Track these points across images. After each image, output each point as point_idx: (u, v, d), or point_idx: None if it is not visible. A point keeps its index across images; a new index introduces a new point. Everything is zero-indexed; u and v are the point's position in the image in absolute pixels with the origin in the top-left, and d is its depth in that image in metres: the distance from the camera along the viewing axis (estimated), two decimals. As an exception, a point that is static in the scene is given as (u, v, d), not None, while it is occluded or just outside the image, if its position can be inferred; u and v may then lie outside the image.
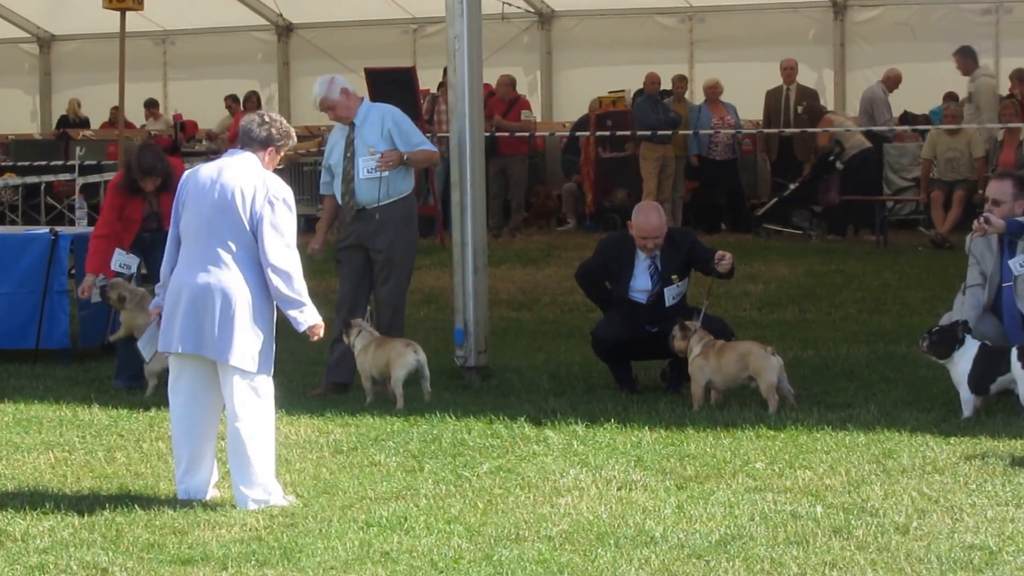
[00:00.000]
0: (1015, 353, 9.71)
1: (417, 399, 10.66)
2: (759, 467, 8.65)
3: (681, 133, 21.49)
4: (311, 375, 11.70)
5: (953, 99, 20.62)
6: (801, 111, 21.62)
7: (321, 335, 8.25)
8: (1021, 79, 20.18)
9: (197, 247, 8.12)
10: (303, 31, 26.67)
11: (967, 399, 9.84)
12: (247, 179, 8.08)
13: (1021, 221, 10.20)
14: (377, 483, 8.52)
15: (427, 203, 19.89)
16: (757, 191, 22.46)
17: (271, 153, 8.26)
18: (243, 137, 8.27)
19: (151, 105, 26.64)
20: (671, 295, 11.01)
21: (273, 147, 8.25)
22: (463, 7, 11.63)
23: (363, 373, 10.87)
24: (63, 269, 12.81)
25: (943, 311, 10.85)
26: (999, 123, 19.78)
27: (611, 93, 23.32)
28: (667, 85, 22.15)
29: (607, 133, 22.31)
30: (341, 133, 11.35)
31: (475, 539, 7.36)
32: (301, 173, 21.99)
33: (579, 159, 23.17)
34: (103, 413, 10.62)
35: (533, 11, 25.16)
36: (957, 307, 10.50)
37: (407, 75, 20.31)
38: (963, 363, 9.84)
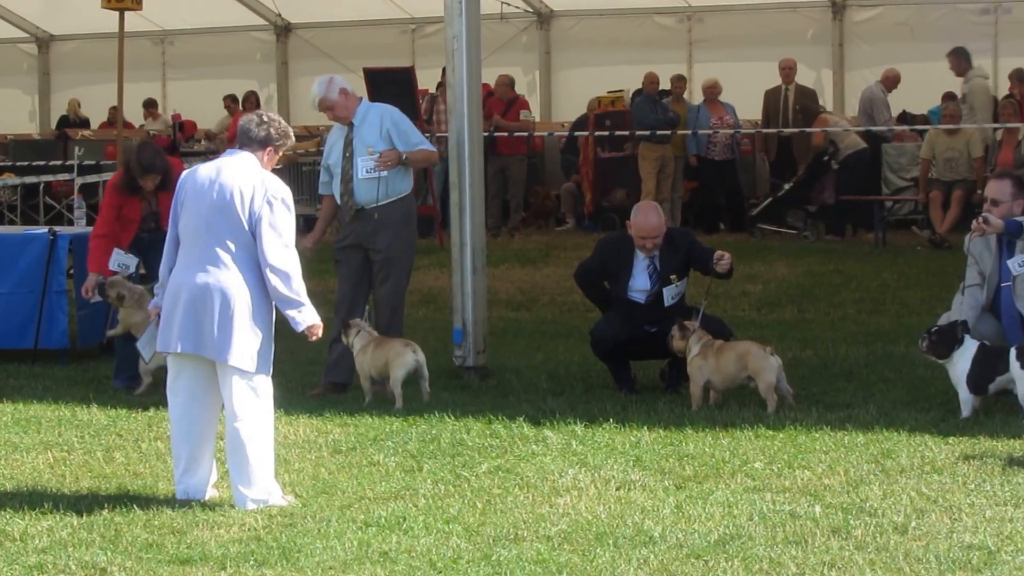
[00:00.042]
0: (1014, 353, 9.71)
1: (416, 399, 10.66)
2: (758, 467, 8.65)
3: (680, 133, 21.49)
4: (310, 375, 11.70)
5: (952, 99, 20.62)
6: (797, 111, 21.64)
7: (320, 335, 8.25)
8: (1021, 79, 20.16)
9: (196, 247, 8.12)
10: (302, 31, 26.67)
11: (966, 399, 9.83)
12: (246, 179, 8.07)
13: (1020, 221, 10.19)
14: (376, 483, 8.52)
15: (426, 203, 19.89)
16: (756, 191, 22.46)
17: (269, 153, 8.25)
18: (241, 137, 8.27)
19: (150, 105, 26.65)
20: (670, 295, 11.01)
21: (272, 147, 8.25)
22: (462, 7, 11.63)
23: (362, 373, 10.87)
24: (62, 269, 12.80)
25: (942, 311, 10.85)
26: (997, 123, 19.78)
27: (610, 93, 23.32)
28: (666, 85, 22.14)
29: (606, 133, 22.31)
30: (340, 133, 11.35)
31: (474, 539, 7.36)
32: (300, 173, 21.98)
33: (578, 159, 23.17)
34: (102, 413, 10.62)
35: (532, 11, 25.16)
36: (956, 307, 10.49)
37: (406, 75, 20.29)
38: (962, 363, 9.84)
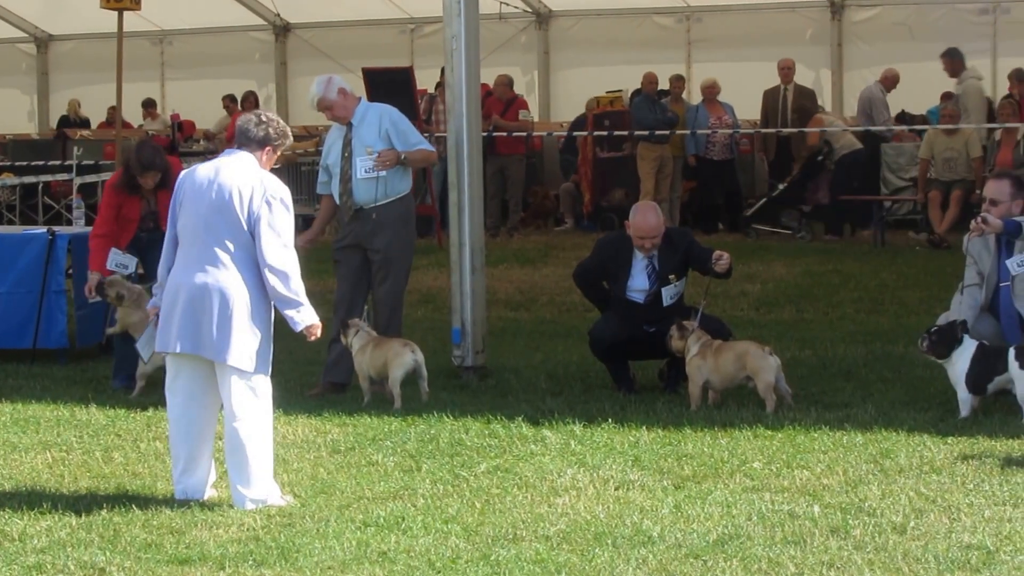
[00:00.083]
0: (1012, 353, 9.71)
1: (415, 399, 10.66)
2: (756, 467, 8.65)
3: (678, 133, 21.49)
4: (309, 375, 11.70)
5: (950, 99, 20.63)
6: (793, 110, 21.65)
7: (318, 335, 8.25)
8: (1020, 79, 20.15)
9: (195, 247, 8.11)
10: (300, 31, 26.67)
11: (964, 399, 9.83)
12: (245, 179, 8.07)
13: (1018, 221, 10.19)
14: (375, 483, 8.52)
15: (425, 203, 19.89)
16: (755, 191, 22.46)
17: (268, 153, 8.25)
18: (240, 137, 8.27)
19: (149, 105, 26.65)
20: (669, 295, 11.01)
21: (270, 147, 8.25)
22: (460, 7, 11.62)
23: (361, 373, 10.87)
24: (61, 269, 12.80)
25: (940, 311, 10.86)
26: (996, 123, 19.78)
27: (608, 93, 23.31)
28: (664, 85, 22.15)
29: (604, 133, 22.31)
30: (339, 133, 11.35)
31: (472, 539, 7.36)
32: (299, 173, 21.99)
33: (577, 159, 23.17)
34: (100, 413, 10.62)
35: (531, 11, 25.16)
36: (955, 307, 10.49)
37: (404, 75, 20.29)
38: (961, 363, 9.84)
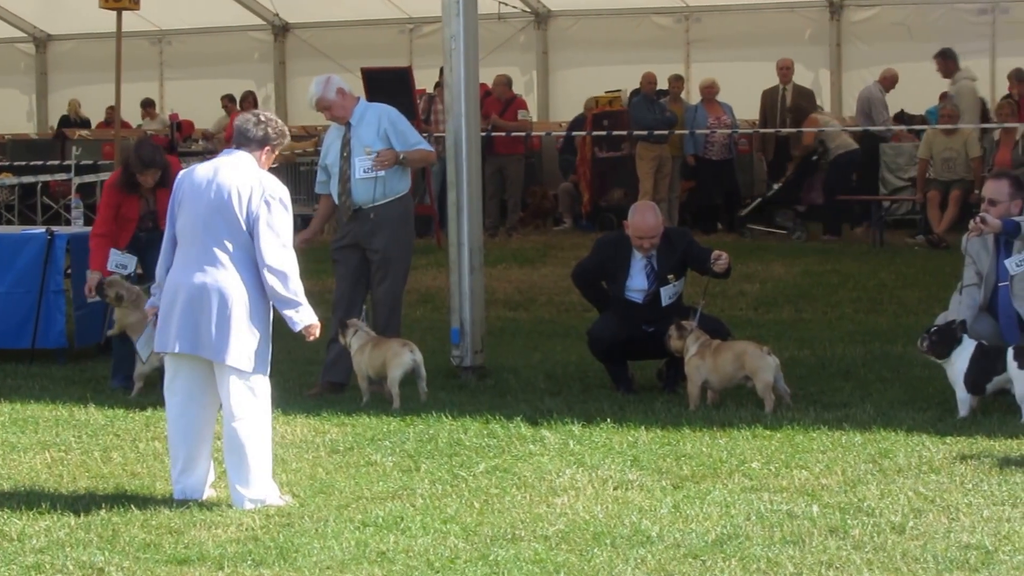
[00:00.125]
0: (1011, 353, 9.72)
1: (413, 399, 10.66)
2: (755, 467, 8.65)
3: (677, 133, 21.49)
4: (307, 375, 11.70)
5: (947, 99, 20.63)
6: (788, 110, 21.65)
7: (317, 335, 8.24)
8: (1020, 79, 20.14)
9: (193, 247, 8.11)
10: (299, 31, 26.66)
11: (963, 399, 9.84)
12: (243, 179, 8.07)
13: (1017, 221, 10.20)
14: (373, 483, 8.52)
15: (423, 203, 19.89)
16: (753, 191, 22.45)
17: (267, 152, 8.25)
18: (239, 137, 8.27)
19: (147, 105, 26.65)
20: (667, 295, 11.01)
21: (269, 146, 8.25)
22: (459, 7, 11.62)
23: (359, 373, 10.87)
24: (59, 269, 12.80)
25: (939, 311, 10.86)
26: (994, 123, 19.78)
27: (607, 93, 23.31)
28: (663, 85, 22.14)
29: (603, 133, 22.31)
30: (337, 133, 11.34)
31: (471, 539, 7.36)
32: (298, 173, 21.99)
33: (576, 159, 23.17)
34: (99, 413, 10.62)
35: (529, 11, 25.15)
36: (953, 306, 10.50)
37: (403, 75, 20.29)
38: (960, 363, 9.84)
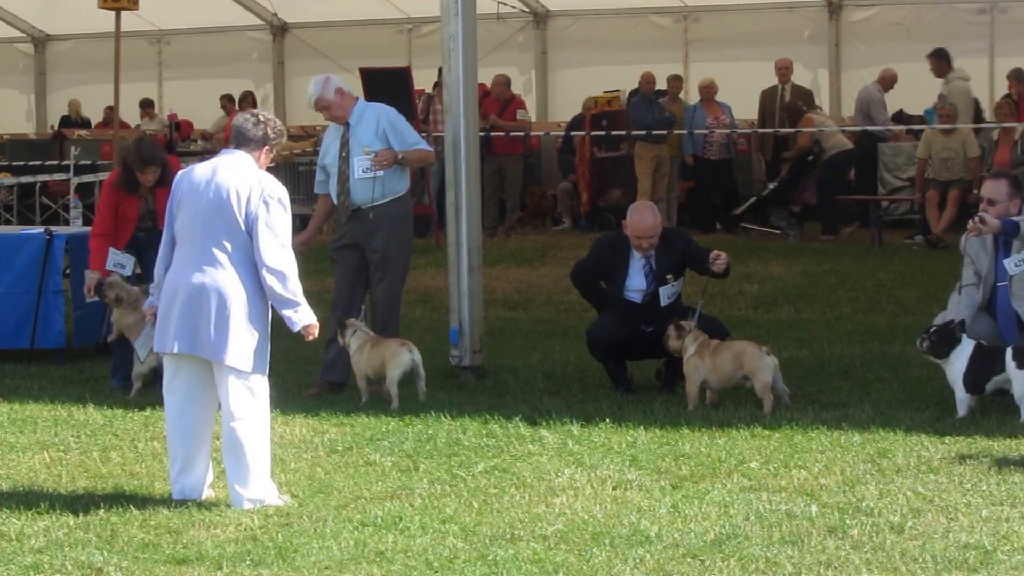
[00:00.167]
0: (1010, 353, 9.72)
1: (412, 399, 10.66)
2: (754, 467, 8.65)
3: (676, 133, 21.50)
4: (306, 375, 11.70)
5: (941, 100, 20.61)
6: (783, 110, 21.66)
7: (316, 335, 8.24)
8: (1019, 79, 20.13)
9: (192, 247, 8.11)
10: (298, 31, 26.66)
11: (962, 399, 9.84)
12: (242, 179, 8.07)
13: (1016, 220, 10.20)
14: (372, 483, 8.52)
15: (422, 203, 19.89)
16: (752, 191, 22.47)
17: (266, 152, 8.26)
18: (237, 137, 8.26)
19: (146, 105, 26.65)
20: (666, 295, 11.01)
21: (269, 146, 8.26)
22: (458, 7, 11.62)
23: (358, 373, 10.87)
24: (58, 269, 12.80)
25: (938, 310, 10.85)
26: (992, 123, 19.77)
27: (606, 93, 23.31)
28: (662, 85, 22.15)
29: (602, 133, 22.31)
30: (336, 133, 11.34)
31: (470, 539, 7.36)
32: (296, 173, 21.98)
33: (575, 159, 23.17)
34: (98, 413, 10.61)
35: (528, 11, 25.16)
36: (952, 306, 10.50)
37: (402, 75, 20.28)
38: (959, 362, 9.84)
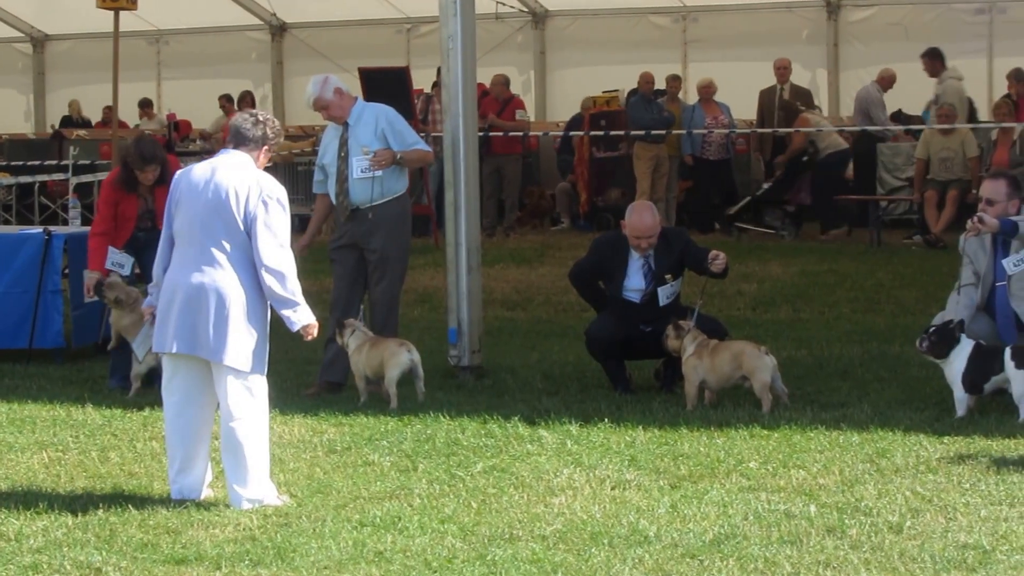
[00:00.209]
0: (1009, 353, 9.72)
1: (411, 399, 10.66)
2: (753, 466, 8.65)
3: (675, 133, 21.50)
4: (305, 375, 11.70)
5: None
6: (778, 109, 21.67)
7: (315, 335, 8.25)
8: (1019, 79, 20.13)
9: (191, 247, 8.11)
10: (297, 31, 26.65)
11: (961, 398, 9.84)
12: (241, 179, 8.07)
13: (1015, 220, 10.20)
14: (371, 483, 8.52)
15: (421, 202, 19.88)
16: (750, 191, 22.47)
17: (265, 152, 8.27)
18: (236, 136, 8.26)
19: (145, 105, 26.63)
20: (665, 295, 11.01)
21: (268, 146, 8.27)
22: (457, 7, 11.62)
23: (357, 373, 10.87)
24: (57, 269, 12.79)
25: (936, 310, 10.86)
26: (992, 123, 19.78)
27: (605, 93, 23.31)
28: (661, 85, 22.14)
29: (601, 133, 22.31)
30: (335, 133, 11.34)
31: (469, 539, 7.36)
32: (295, 173, 21.98)
33: (574, 159, 23.17)
34: (97, 413, 10.61)
35: (527, 11, 25.15)
36: (951, 306, 10.50)
37: (401, 75, 20.28)
38: (958, 362, 9.84)
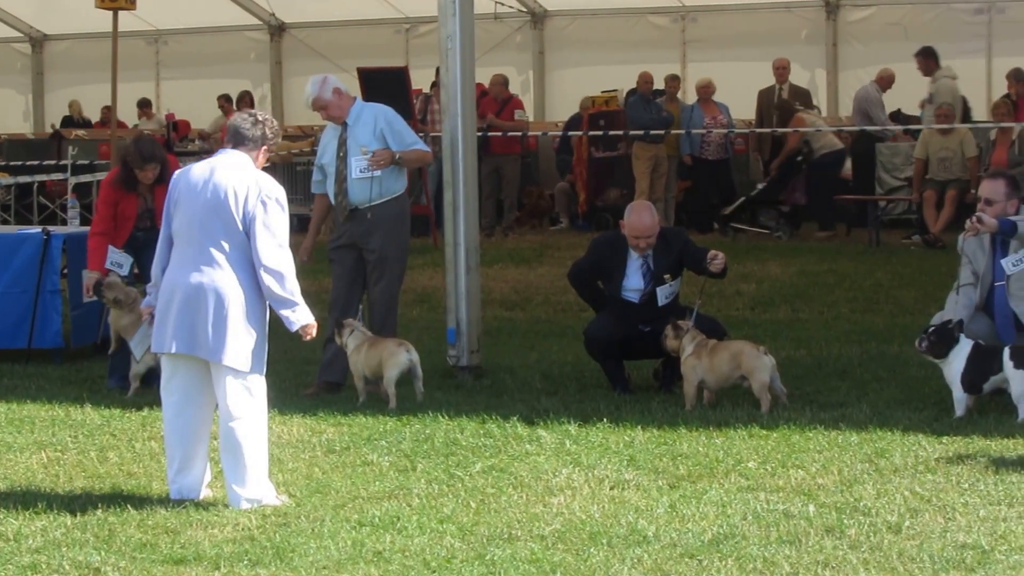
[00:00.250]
0: (1007, 353, 9.73)
1: (410, 399, 10.66)
2: (752, 466, 8.65)
3: (673, 133, 21.50)
4: (304, 374, 11.70)
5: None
6: (774, 108, 21.67)
7: (313, 335, 8.25)
8: (1018, 79, 20.12)
9: (190, 247, 8.11)
10: (295, 31, 26.65)
11: (960, 398, 9.84)
12: (240, 179, 8.07)
13: (1013, 220, 10.21)
14: (370, 483, 8.52)
15: (420, 202, 19.87)
16: (749, 191, 22.48)
17: (264, 152, 8.27)
18: (234, 136, 8.25)
19: (144, 105, 26.63)
20: (663, 294, 11.01)
21: (266, 146, 8.27)
22: (456, 7, 11.62)
23: (356, 373, 10.87)
24: (55, 269, 12.79)
25: (935, 310, 10.86)
26: (992, 122, 19.78)
27: (604, 93, 23.31)
28: (660, 85, 22.14)
29: (600, 133, 22.31)
30: (334, 133, 11.35)
31: (468, 538, 7.36)
32: (294, 173, 21.98)
33: (573, 159, 23.17)
34: (96, 413, 10.61)
35: (526, 11, 25.14)
36: (950, 306, 10.50)
37: (400, 75, 20.28)
38: (957, 362, 9.84)
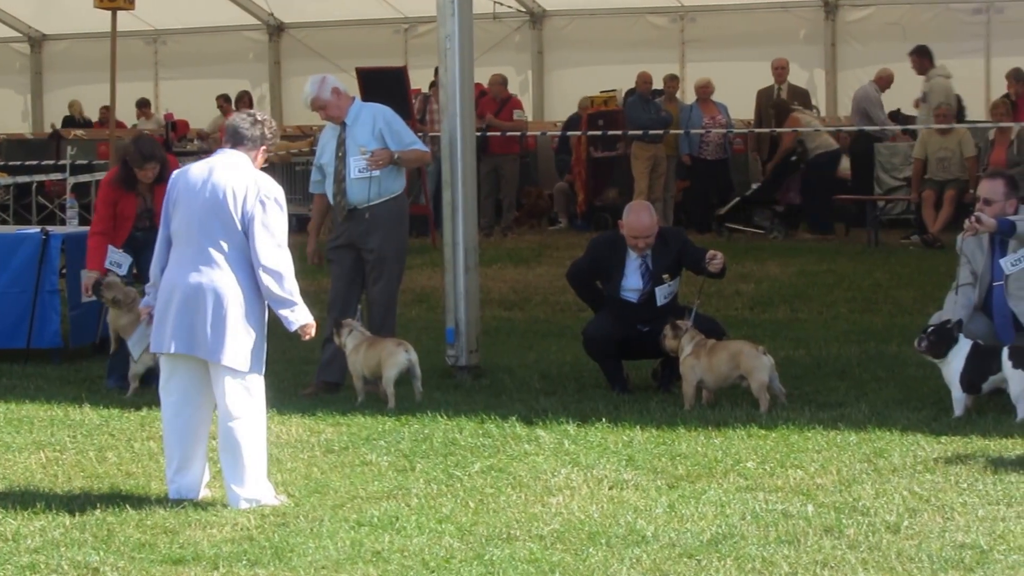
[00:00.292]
0: (1006, 352, 9.73)
1: (408, 398, 10.66)
2: (750, 466, 8.65)
3: (672, 133, 21.50)
4: (302, 374, 11.69)
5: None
6: (770, 107, 21.68)
7: (312, 334, 8.25)
8: (1018, 79, 20.13)
9: (189, 247, 8.11)
10: (294, 31, 26.65)
11: (958, 398, 9.84)
12: (238, 179, 8.07)
13: (1012, 220, 10.21)
14: (368, 482, 8.51)
15: (419, 202, 19.88)
16: (747, 191, 22.48)
17: (262, 152, 8.27)
18: (233, 136, 8.25)
19: (143, 105, 26.64)
20: (662, 294, 11.01)
21: (265, 146, 8.27)
22: (454, 7, 11.62)
23: (354, 373, 10.87)
24: (54, 269, 12.78)
25: (934, 310, 10.86)
26: (991, 122, 19.79)
27: (602, 93, 23.32)
28: (659, 85, 22.14)
29: (598, 133, 22.32)
30: (332, 132, 11.35)
31: (466, 538, 7.36)
32: (293, 173, 21.97)
33: (571, 158, 23.18)
34: (94, 413, 10.61)
35: (524, 10, 25.15)
36: (948, 306, 10.50)
37: (398, 75, 20.27)
38: (956, 362, 9.85)
